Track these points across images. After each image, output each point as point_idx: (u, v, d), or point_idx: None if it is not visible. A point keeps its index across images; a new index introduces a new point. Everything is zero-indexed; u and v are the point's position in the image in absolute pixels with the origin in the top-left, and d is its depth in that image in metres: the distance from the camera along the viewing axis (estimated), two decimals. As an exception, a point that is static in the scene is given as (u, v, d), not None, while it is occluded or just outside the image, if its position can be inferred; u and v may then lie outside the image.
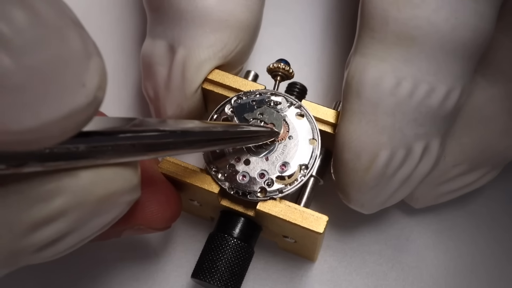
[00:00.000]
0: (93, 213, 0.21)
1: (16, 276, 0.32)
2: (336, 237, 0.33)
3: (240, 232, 0.28)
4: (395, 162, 0.27)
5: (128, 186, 0.22)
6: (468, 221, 0.33)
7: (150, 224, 0.27)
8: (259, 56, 0.37)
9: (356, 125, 0.27)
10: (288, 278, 0.32)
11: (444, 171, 0.30)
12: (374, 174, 0.27)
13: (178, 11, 0.29)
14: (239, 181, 0.27)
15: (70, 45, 0.17)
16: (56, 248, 0.21)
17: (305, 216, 0.27)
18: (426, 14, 0.25)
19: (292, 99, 0.29)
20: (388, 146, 0.26)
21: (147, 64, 0.31)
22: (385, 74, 0.26)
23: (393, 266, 0.32)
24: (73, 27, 0.17)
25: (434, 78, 0.26)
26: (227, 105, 0.29)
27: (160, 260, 0.32)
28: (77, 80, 0.17)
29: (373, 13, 0.27)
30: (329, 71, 0.37)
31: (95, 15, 0.40)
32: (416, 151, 0.27)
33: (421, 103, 0.26)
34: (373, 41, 0.27)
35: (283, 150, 0.28)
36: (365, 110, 0.27)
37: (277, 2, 0.39)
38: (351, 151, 0.27)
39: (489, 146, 0.30)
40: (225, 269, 0.27)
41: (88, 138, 0.19)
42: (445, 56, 0.26)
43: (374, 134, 0.26)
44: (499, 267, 0.32)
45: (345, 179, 0.28)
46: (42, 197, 0.19)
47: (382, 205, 0.29)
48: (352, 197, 0.28)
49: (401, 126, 0.26)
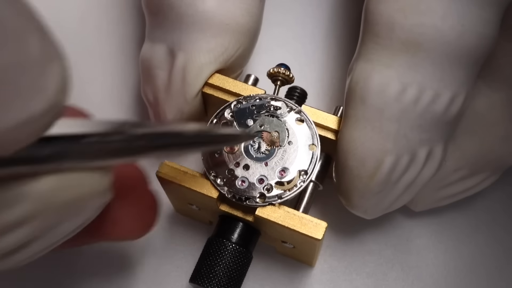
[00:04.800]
0: (59, 218, 0.20)
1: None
2: (336, 237, 0.33)
3: (239, 237, 0.28)
4: (400, 168, 0.27)
5: (97, 190, 0.21)
6: (468, 221, 0.33)
7: (120, 238, 0.26)
8: (259, 56, 0.37)
9: (360, 131, 0.27)
10: (288, 278, 0.32)
11: (445, 176, 0.30)
12: (379, 181, 0.27)
13: (178, 15, 0.29)
14: (238, 186, 0.27)
15: (28, 49, 0.16)
16: (22, 254, 0.20)
17: (304, 222, 0.27)
18: (432, 21, 0.25)
19: (292, 104, 0.29)
20: (393, 152, 0.26)
21: (147, 68, 0.30)
22: (391, 80, 0.26)
23: (393, 266, 0.33)
24: (33, 29, 0.16)
25: (439, 84, 0.26)
26: (226, 110, 0.29)
27: (160, 260, 0.33)
28: (35, 85, 0.16)
29: (378, 19, 0.26)
30: (329, 71, 0.37)
31: (95, 16, 0.40)
32: (420, 156, 0.27)
33: (426, 109, 0.26)
34: (378, 47, 0.26)
35: (282, 155, 0.28)
36: (370, 116, 0.26)
37: (277, 2, 0.39)
38: (356, 157, 0.27)
39: (490, 151, 0.30)
40: (223, 274, 0.27)
41: (53, 142, 0.19)
42: (450, 63, 0.26)
43: (379, 141, 0.26)
44: (499, 267, 0.33)
45: (349, 185, 0.28)
46: (4, 203, 0.19)
47: (385, 210, 0.29)
48: (356, 203, 0.28)
49: (406, 132, 0.26)
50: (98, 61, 0.38)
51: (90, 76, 0.38)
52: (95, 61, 0.38)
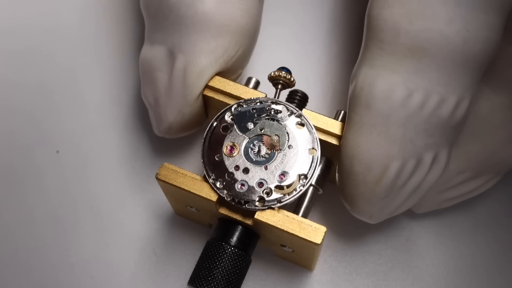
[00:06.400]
0: None
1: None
2: (336, 237, 0.33)
3: (238, 241, 0.28)
4: (406, 172, 0.26)
5: None
6: (468, 221, 0.33)
7: None
8: (259, 56, 0.36)
9: (366, 137, 0.27)
10: (287, 278, 0.32)
11: (448, 178, 0.30)
12: (385, 186, 0.27)
13: (177, 17, 0.29)
14: (237, 189, 0.27)
15: None
16: None
17: (303, 226, 0.27)
18: (438, 27, 0.25)
19: (292, 108, 0.28)
20: (399, 157, 0.26)
21: (147, 70, 0.30)
22: (396, 86, 0.26)
23: (393, 266, 0.33)
24: None
25: (445, 89, 0.26)
26: (227, 113, 0.29)
27: (159, 260, 0.33)
28: None
29: (383, 25, 0.26)
30: (329, 71, 0.37)
31: (95, 16, 0.39)
32: (426, 161, 0.27)
33: (432, 114, 0.26)
34: (382, 52, 0.26)
35: (282, 159, 0.28)
36: (375, 121, 0.26)
37: (277, 2, 0.38)
38: (361, 163, 0.27)
39: (493, 154, 0.30)
40: (221, 278, 0.27)
41: None
42: (456, 67, 0.25)
43: (385, 146, 0.26)
44: (499, 267, 0.33)
45: (354, 191, 0.27)
46: None
47: (390, 215, 0.29)
48: (361, 209, 0.28)
49: (412, 137, 0.26)
50: (98, 61, 0.38)
51: (90, 76, 0.38)
52: (95, 61, 0.38)
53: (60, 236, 0.33)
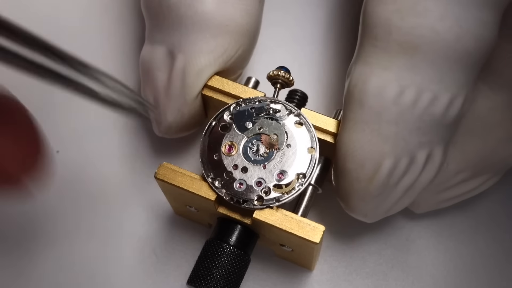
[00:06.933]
0: None
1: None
2: (336, 237, 0.33)
3: (237, 240, 0.28)
4: (399, 170, 0.26)
5: None
6: (467, 221, 0.33)
7: None
8: (259, 56, 0.37)
9: (359, 134, 0.27)
10: (287, 278, 0.32)
11: (446, 178, 0.30)
12: (378, 183, 0.27)
13: (177, 17, 0.29)
14: (236, 189, 0.27)
15: None
16: None
17: (302, 225, 0.27)
18: (430, 23, 0.25)
19: (291, 107, 0.28)
20: (392, 155, 0.26)
21: (147, 70, 0.30)
22: (388, 83, 0.26)
23: (393, 266, 0.32)
24: None
25: (438, 86, 0.25)
26: (226, 112, 0.29)
27: (159, 260, 0.33)
28: None
29: (376, 22, 0.26)
30: (328, 71, 0.37)
31: (95, 16, 0.40)
32: (419, 159, 0.26)
33: (425, 111, 0.26)
34: (375, 49, 0.26)
35: (281, 158, 0.28)
36: (368, 119, 0.26)
37: (276, 3, 0.38)
38: (354, 160, 0.27)
39: (492, 153, 0.30)
40: (220, 277, 0.27)
41: None
42: (449, 65, 0.25)
43: (377, 143, 0.26)
44: (499, 267, 0.32)
45: (348, 188, 0.28)
46: None
47: (385, 213, 0.29)
48: (355, 207, 0.28)
49: (405, 135, 0.26)
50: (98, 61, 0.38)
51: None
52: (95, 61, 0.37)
53: (60, 236, 0.33)
